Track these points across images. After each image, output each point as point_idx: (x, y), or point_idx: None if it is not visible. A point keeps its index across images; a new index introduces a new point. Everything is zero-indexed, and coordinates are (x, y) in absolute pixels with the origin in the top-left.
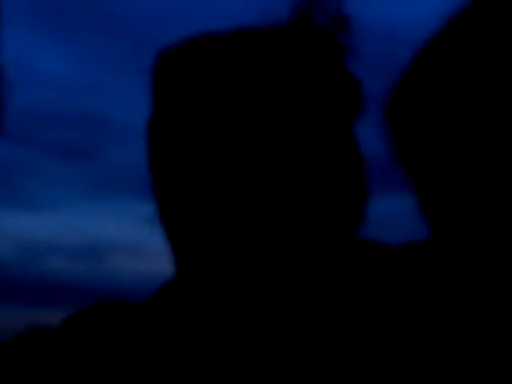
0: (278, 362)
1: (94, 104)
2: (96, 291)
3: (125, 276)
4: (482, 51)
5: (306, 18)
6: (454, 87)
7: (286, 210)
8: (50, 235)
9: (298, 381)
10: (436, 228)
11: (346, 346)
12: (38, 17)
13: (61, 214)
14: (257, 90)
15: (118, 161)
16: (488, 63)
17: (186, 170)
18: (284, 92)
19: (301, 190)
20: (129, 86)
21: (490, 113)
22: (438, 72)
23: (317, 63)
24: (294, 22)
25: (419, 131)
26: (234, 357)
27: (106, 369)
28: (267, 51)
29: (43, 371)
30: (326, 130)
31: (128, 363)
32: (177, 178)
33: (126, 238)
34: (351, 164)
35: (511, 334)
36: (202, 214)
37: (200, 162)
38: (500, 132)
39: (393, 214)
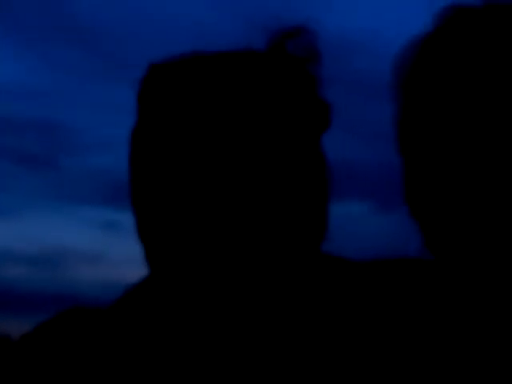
0: (244, 364)
1: (53, 112)
2: (56, 299)
3: (85, 283)
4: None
5: (281, 47)
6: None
7: (252, 218)
8: (9, 243)
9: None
10: (431, 240)
11: (303, 354)
12: None
13: (19, 221)
14: (232, 108)
15: (77, 168)
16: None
17: (164, 178)
18: (255, 111)
19: (267, 201)
20: (89, 94)
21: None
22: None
23: (287, 88)
24: (269, 50)
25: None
26: (207, 357)
27: (82, 374)
28: (242, 73)
29: (10, 380)
30: (291, 145)
31: (104, 367)
32: (155, 185)
33: (85, 246)
34: (315, 178)
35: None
36: (177, 222)
37: (177, 172)
38: (498, 134)
39: (354, 221)
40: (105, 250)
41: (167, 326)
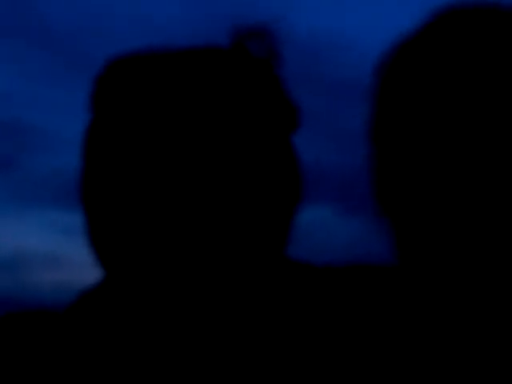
0: (200, 368)
1: (15, 112)
2: (15, 303)
3: (45, 287)
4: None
5: (243, 46)
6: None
7: (214, 219)
8: None
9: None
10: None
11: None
12: None
13: None
14: (193, 105)
15: (37, 170)
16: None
17: (119, 177)
18: (217, 109)
19: (230, 202)
20: (52, 95)
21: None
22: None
23: (249, 86)
24: (232, 48)
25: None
26: (165, 360)
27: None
28: (206, 71)
29: None
30: (256, 146)
31: (57, 371)
32: (110, 185)
33: (45, 249)
34: (283, 178)
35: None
36: (133, 223)
37: (133, 171)
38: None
39: (319, 225)
40: (65, 253)
41: (124, 330)
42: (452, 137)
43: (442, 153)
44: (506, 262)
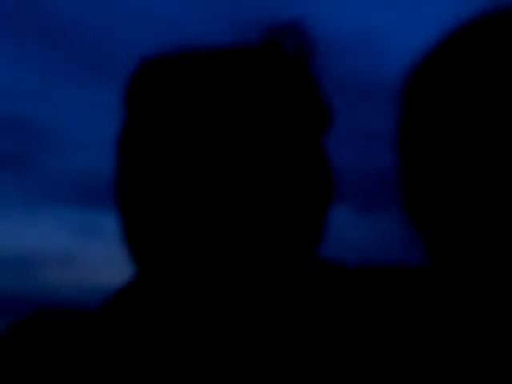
0: (237, 365)
1: (28, 111)
2: (29, 303)
3: (59, 286)
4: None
5: (276, 45)
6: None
7: (248, 218)
8: None
9: None
10: (429, 249)
11: (295, 361)
12: None
13: None
14: (228, 106)
15: (50, 170)
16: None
17: (156, 177)
18: (253, 109)
19: (264, 202)
20: (65, 94)
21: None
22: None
23: (285, 86)
24: (264, 48)
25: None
26: (203, 358)
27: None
28: (240, 70)
29: None
30: (290, 145)
31: (96, 371)
32: (147, 184)
33: (60, 248)
34: (316, 177)
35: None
36: (170, 223)
37: (170, 171)
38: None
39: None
40: (80, 252)
41: (161, 329)
42: (480, 146)
43: (469, 163)
44: None
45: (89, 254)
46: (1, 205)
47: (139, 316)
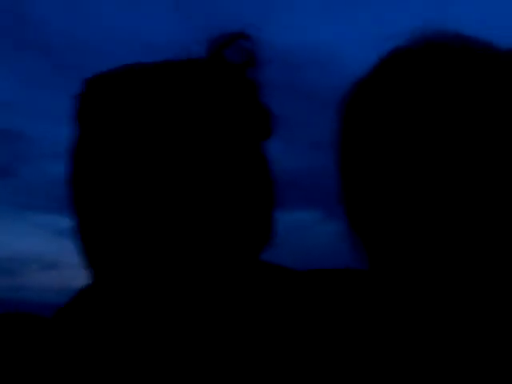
0: (189, 369)
1: (11, 120)
2: (10, 306)
3: (39, 290)
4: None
5: (219, 54)
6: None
7: (193, 223)
8: None
9: None
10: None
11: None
12: None
13: None
14: (171, 116)
15: (31, 177)
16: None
17: (105, 184)
18: (194, 119)
19: (208, 206)
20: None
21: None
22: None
23: (225, 94)
24: (208, 58)
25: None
26: (155, 361)
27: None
28: (183, 82)
29: None
30: (231, 151)
31: (49, 373)
32: (95, 191)
33: (40, 253)
34: (258, 182)
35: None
36: (117, 227)
37: (119, 178)
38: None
39: (301, 230)
40: (60, 257)
41: (110, 331)
42: (405, 158)
43: (397, 169)
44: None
45: (68, 259)
46: None
47: (91, 318)
